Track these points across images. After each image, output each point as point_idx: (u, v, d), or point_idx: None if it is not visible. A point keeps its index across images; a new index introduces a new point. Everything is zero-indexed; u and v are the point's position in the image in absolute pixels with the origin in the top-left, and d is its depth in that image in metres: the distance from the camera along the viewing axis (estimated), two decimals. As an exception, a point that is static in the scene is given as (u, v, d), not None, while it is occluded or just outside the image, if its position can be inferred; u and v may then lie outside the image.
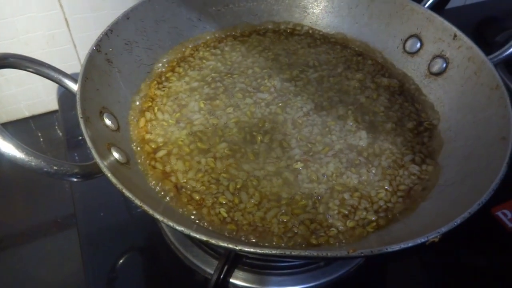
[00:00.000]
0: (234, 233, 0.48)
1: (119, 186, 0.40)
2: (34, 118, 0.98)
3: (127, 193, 0.40)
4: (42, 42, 0.85)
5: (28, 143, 0.98)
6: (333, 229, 0.49)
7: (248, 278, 0.61)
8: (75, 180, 0.43)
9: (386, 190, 0.54)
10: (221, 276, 0.54)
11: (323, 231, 0.49)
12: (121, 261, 0.66)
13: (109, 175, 0.41)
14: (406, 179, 0.56)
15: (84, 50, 0.88)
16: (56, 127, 0.98)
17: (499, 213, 0.73)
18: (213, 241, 0.37)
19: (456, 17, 0.69)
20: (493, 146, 0.51)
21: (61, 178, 0.41)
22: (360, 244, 0.48)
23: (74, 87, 0.53)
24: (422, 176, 0.56)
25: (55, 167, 0.40)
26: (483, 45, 0.62)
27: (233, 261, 0.54)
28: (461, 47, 0.63)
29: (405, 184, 0.55)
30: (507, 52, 0.63)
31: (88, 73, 0.53)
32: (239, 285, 0.61)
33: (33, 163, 0.39)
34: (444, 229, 0.39)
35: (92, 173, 0.44)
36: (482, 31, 1.07)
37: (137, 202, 0.39)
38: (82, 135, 0.45)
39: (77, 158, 0.79)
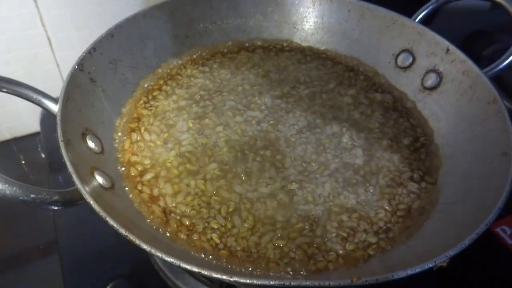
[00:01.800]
0: (225, 260, 0.45)
1: (102, 214, 0.38)
2: (15, 140, 0.95)
3: (111, 222, 0.37)
4: (24, 62, 0.83)
5: (9, 166, 0.95)
6: (332, 253, 0.47)
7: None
8: (55, 208, 0.40)
9: (386, 210, 0.52)
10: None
11: (321, 255, 0.47)
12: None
13: (91, 202, 0.38)
14: (405, 197, 0.54)
15: (68, 69, 0.85)
16: (39, 149, 0.94)
17: (498, 229, 0.71)
18: (205, 272, 0.34)
19: (445, 30, 0.68)
20: (493, 162, 0.49)
21: (39, 206, 0.38)
22: (361, 269, 0.45)
23: (55, 108, 0.51)
24: (422, 194, 0.54)
25: (32, 195, 0.37)
26: (471, 58, 0.61)
27: (227, 289, 0.51)
28: (454, 61, 0.62)
29: (405, 203, 0.53)
30: (500, 67, 0.62)
31: (70, 93, 0.50)
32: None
33: (7, 192, 0.36)
34: (452, 253, 0.37)
35: (73, 200, 0.41)
36: (470, 44, 1.08)
37: (122, 231, 0.37)
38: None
39: (61, 181, 0.75)
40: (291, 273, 0.44)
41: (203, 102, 0.64)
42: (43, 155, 0.92)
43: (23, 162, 0.93)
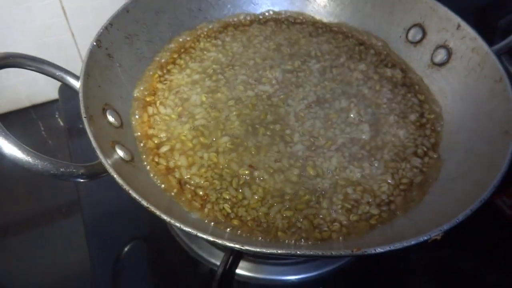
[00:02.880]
0: (238, 229, 0.49)
1: (126, 187, 0.41)
2: (34, 107, 0.98)
3: (134, 194, 0.41)
4: (39, 32, 0.85)
5: (29, 133, 0.99)
6: (336, 223, 0.50)
7: (253, 268, 0.63)
8: (81, 180, 0.43)
9: (389, 183, 0.55)
10: (227, 267, 0.55)
11: (326, 225, 0.50)
12: (126, 249, 0.67)
13: (115, 175, 0.42)
14: (408, 172, 0.56)
15: (82, 39, 0.87)
16: (57, 116, 0.98)
17: (498, 201, 0.74)
18: (219, 241, 0.38)
19: (459, 0, 0.68)
20: (495, 140, 0.51)
21: (67, 179, 0.41)
22: (363, 239, 0.49)
23: (76, 83, 0.53)
24: (424, 169, 0.57)
25: (61, 169, 0.41)
26: (486, 28, 0.61)
27: (239, 252, 0.55)
28: (464, 38, 0.63)
29: (407, 177, 0.56)
30: (508, 46, 0.62)
31: (89, 69, 0.52)
32: (244, 275, 0.62)
33: (39, 166, 0.39)
34: (446, 227, 0.40)
35: (97, 173, 0.44)
36: (485, 14, 1.06)
37: (144, 203, 0.40)
38: (83, 123, 0.46)
39: (79, 147, 0.79)
40: (299, 241, 0.48)
41: (216, 76, 0.66)
42: (61, 122, 0.96)
43: (42, 128, 0.97)
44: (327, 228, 0.50)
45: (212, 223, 0.50)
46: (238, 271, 0.59)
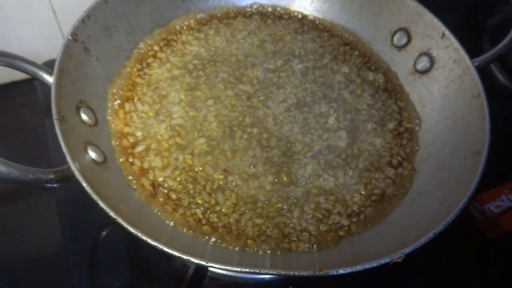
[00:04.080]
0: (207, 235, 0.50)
1: (94, 196, 0.41)
2: (14, 84, 0.95)
3: (102, 204, 0.41)
4: (19, 8, 0.82)
5: (8, 110, 0.96)
6: (305, 233, 0.51)
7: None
8: (50, 186, 0.43)
9: (361, 194, 0.56)
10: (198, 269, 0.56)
11: (295, 235, 0.51)
12: (102, 235, 0.67)
13: (84, 184, 0.42)
14: (381, 182, 0.57)
15: (64, 16, 0.84)
16: (37, 94, 0.96)
17: (470, 206, 0.75)
18: (185, 257, 0.38)
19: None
20: (466, 158, 0.52)
21: (36, 185, 0.41)
22: (331, 251, 0.50)
23: (49, 79, 0.52)
24: (397, 180, 0.58)
25: (29, 176, 0.40)
26: (475, 28, 0.61)
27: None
28: (448, 48, 0.63)
29: (380, 188, 0.57)
30: (494, 56, 0.63)
31: (64, 66, 0.51)
32: (216, 271, 0.63)
33: (5, 173, 0.39)
34: (408, 250, 0.41)
35: (67, 178, 0.44)
36: (474, 14, 1.06)
37: (112, 214, 0.40)
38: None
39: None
40: (266, 252, 0.49)
41: (196, 72, 0.65)
42: (40, 99, 0.94)
43: (21, 106, 0.95)
44: (296, 238, 0.51)
45: (184, 229, 0.50)
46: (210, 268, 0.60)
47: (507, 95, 0.85)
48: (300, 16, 0.78)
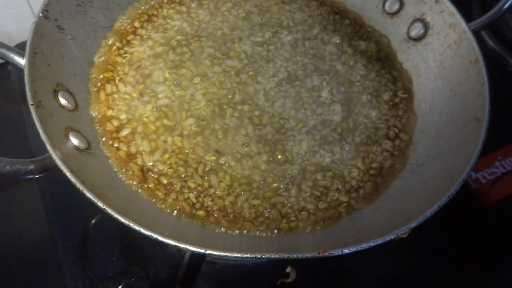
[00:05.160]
0: (204, 220, 0.48)
1: (80, 186, 0.38)
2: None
3: (89, 194, 0.38)
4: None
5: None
6: (304, 212, 0.50)
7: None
8: (31, 177, 0.40)
9: (359, 169, 0.54)
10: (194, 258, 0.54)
11: (294, 215, 0.50)
12: (91, 224, 0.65)
13: (67, 173, 0.39)
14: (378, 155, 0.56)
15: (36, 3, 0.79)
16: (12, 78, 0.91)
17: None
18: (182, 246, 0.36)
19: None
20: (466, 127, 0.51)
21: (15, 177, 0.38)
22: (331, 230, 0.48)
23: (22, 61, 0.48)
24: (395, 152, 0.57)
25: (7, 167, 0.38)
26: None
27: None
28: (442, 12, 0.61)
29: (378, 162, 0.55)
30: (489, 20, 0.60)
31: (36, 46, 0.47)
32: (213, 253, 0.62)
33: (-20, 166, 0.36)
34: (413, 225, 0.40)
35: (48, 167, 0.41)
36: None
37: (100, 204, 0.38)
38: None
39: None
40: (265, 233, 0.47)
41: (180, 49, 0.62)
42: (15, 84, 0.89)
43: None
44: (295, 218, 0.49)
45: (175, 212, 0.48)
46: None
47: (500, 62, 0.84)
48: (286, -16, 0.74)
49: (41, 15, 0.50)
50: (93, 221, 0.64)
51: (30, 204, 0.68)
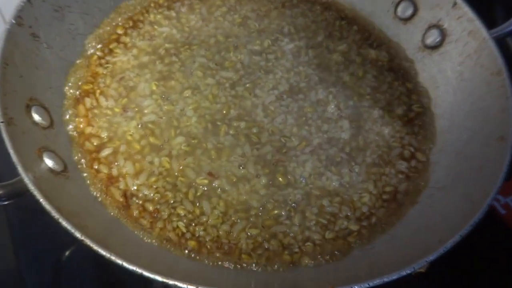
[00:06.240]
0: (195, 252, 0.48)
1: (55, 214, 0.39)
2: None
3: (65, 223, 0.39)
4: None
5: None
6: (309, 243, 0.50)
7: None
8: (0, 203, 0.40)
9: (370, 193, 0.55)
10: None
11: (297, 246, 0.50)
12: (63, 258, 0.64)
13: (41, 199, 0.39)
14: (392, 178, 0.57)
15: (8, 7, 0.80)
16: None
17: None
18: (170, 282, 0.37)
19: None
20: (489, 145, 0.52)
21: (-19, 204, 0.39)
22: (340, 263, 0.49)
23: (-9, 73, 0.49)
24: (411, 174, 0.57)
25: (-28, 193, 0.38)
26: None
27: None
28: (461, 18, 0.62)
29: (391, 185, 0.56)
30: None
31: (8, 56, 0.48)
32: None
33: None
34: (432, 257, 0.40)
35: (19, 192, 0.42)
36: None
37: (78, 235, 0.38)
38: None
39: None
40: (264, 267, 0.48)
41: (169, 58, 0.63)
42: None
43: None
44: (298, 249, 0.49)
45: (163, 243, 0.49)
46: None
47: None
48: (287, -14, 0.76)
49: (13, 21, 0.51)
50: (67, 253, 0.63)
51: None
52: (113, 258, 0.37)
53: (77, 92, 0.58)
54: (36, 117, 0.50)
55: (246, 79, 0.63)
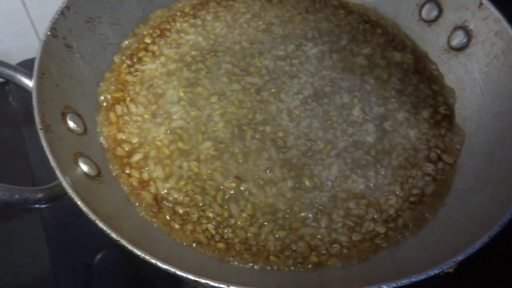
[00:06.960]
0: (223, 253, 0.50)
1: (92, 216, 0.41)
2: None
3: (102, 225, 0.41)
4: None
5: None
6: (336, 245, 0.51)
7: None
8: (40, 206, 0.43)
9: (397, 195, 0.55)
10: None
11: (324, 248, 0.51)
12: (96, 259, 0.67)
13: (79, 202, 0.42)
14: (419, 180, 0.57)
15: (36, 7, 0.84)
16: (10, 99, 0.96)
17: None
18: (202, 281, 0.38)
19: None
20: (519, 147, 0.52)
21: (23, 207, 0.41)
22: (367, 263, 0.50)
23: (29, 83, 0.52)
24: (438, 176, 0.58)
25: (16, 196, 0.41)
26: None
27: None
28: (487, 19, 0.63)
29: (418, 187, 0.57)
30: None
31: (44, 67, 0.51)
32: None
33: (-11, 195, 0.39)
34: (460, 258, 0.41)
35: (58, 196, 0.44)
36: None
37: (114, 236, 0.40)
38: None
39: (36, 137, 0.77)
40: (292, 267, 0.49)
41: (195, 65, 0.65)
42: (14, 106, 0.94)
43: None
44: (326, 251, 0.51)
45: (193, 245, 0.51)
46: None
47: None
48: (310, -9, 0.78)
49: (49, 33, 0.54)
50: (99, 256, 0.66)
51: (31, 238, 0.71)
52: (147, 258, 0.39)
53: (109, 100, 0.61)
54: (71, 124, 0.53)
55: (271, 84, 0.64)
